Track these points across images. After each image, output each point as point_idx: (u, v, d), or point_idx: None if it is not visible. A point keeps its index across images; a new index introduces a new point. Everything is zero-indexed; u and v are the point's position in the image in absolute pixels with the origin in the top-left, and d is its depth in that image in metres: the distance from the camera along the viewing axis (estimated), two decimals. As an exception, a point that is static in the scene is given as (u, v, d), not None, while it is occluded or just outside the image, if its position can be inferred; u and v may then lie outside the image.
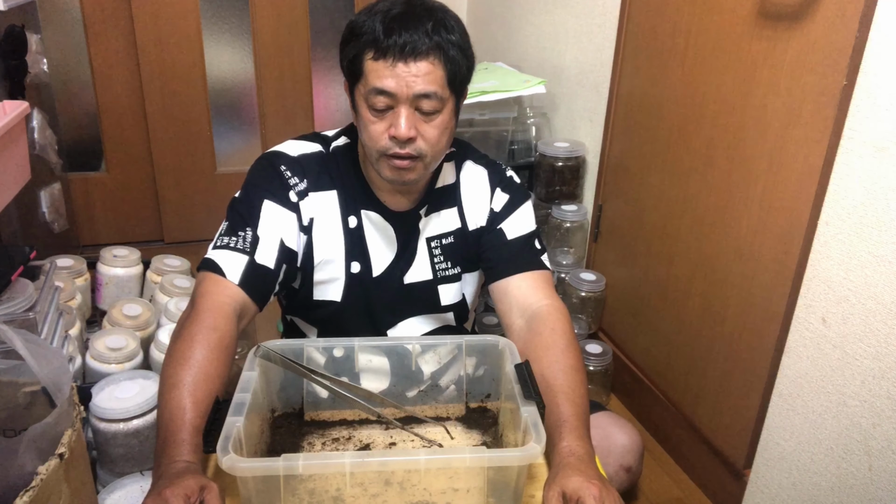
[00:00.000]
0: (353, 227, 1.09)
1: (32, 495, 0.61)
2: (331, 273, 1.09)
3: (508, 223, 1.12)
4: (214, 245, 1.01)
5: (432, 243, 1.12)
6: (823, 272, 1.23)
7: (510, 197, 1.13)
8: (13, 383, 0.79)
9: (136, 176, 2.62)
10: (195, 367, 0.86)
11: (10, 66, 1.68)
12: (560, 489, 0.77)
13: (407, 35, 0.93)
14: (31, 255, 1.21)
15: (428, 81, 0.95)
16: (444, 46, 0.96)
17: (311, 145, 1.11)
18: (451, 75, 0.97)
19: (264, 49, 2.60)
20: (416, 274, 1.12)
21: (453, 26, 0.98)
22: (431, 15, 0.96)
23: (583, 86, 1.98)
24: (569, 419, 0.86)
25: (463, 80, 1.01)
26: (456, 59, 0.97)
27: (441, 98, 0.97)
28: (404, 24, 0.94)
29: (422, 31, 0.94)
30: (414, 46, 0.93)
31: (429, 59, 0.95)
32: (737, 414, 1.47)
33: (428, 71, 0.95)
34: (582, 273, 1.93)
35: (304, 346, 0.96)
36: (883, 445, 1.14)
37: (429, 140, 0.98)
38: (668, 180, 1.64)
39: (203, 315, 0.92)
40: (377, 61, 0.94)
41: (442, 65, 0.96)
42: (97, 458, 1.30)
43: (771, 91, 1.30)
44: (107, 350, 1.41)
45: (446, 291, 1.14)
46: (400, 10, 0.95)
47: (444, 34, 0.96)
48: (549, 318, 1.00)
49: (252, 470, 0.73)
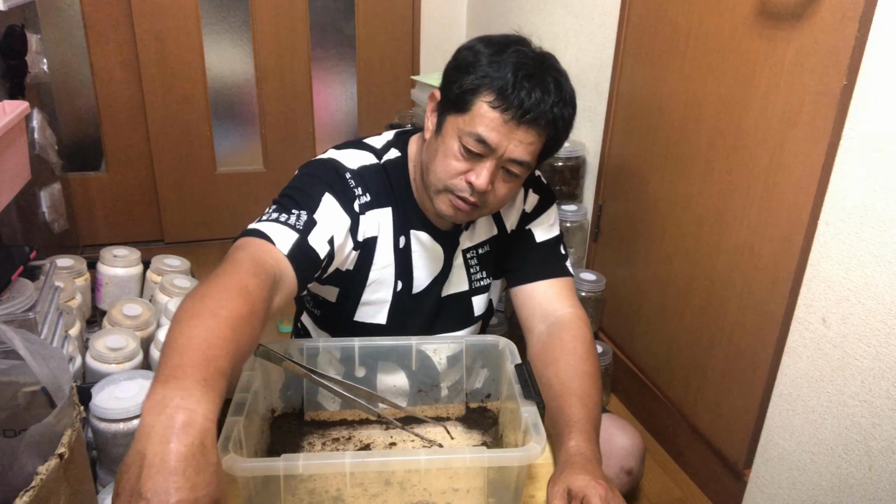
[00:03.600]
0: (402, 247, 1.05)
1: (32, 495, 0.61)
2: (380, 295, 1.05)
3: (537, 225, 1.12)
4: (260, 220, 0.89)
5: (468, 254, 1.12)
6: (823, 272, 1.23)
7: (540, 198, 1.13)
8: (13, 383, 0.79)
9: (136, 176, 2.62)
10: (228, 310, 0.67)
11: (10, 66, 1.68)
12: (566, 486, 0.77)
13: (534, 100, 0.90)
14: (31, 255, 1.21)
15: (528, 151, 0.94)
16: (557, 124, 0.94)
17: (366, 156, 1.03)
18: (546, 148, 0.96)
19: (264, 49, 2.60)
20: (453, 286, 1.12)
21: (570, 102, 0.96)
22: (559, 88, 0.94)
23: (583, 86, 1.98)
24: (579, 420, 0.87)
25: (552, 153, 1.00)
26: (560, 136, 0.96)
27: (529, 166, 0.96)
28: (534, 87, 0.90)
29: (547, 102, 0.91)
30: (537, 115, 0.91)
31: (539, 131, 0.93)
32: (737, 414, 1.47)
33: (533, 140, 0.93)
34: (582, 273, 1.93)
35: (304, 346, 0.96)
36: (883, 445, 1.14)
37: (498, 196, 0.98)
38: (668, 180, 1.64)
39: (241, 264, 0.76)
40: (493, 110, 0.90)
41: (545, 139, 0.95)
42: (97, 458, 1.30)
43: (771, 91, 1.30)
44: (107, 350, 1.41)
45: (479, 302, 1.15)
46: (532, 71, 0.91)
47: (564, 110, 0.94)
48: (571, 325, 1.02)
49: (252, 470, 0.73)
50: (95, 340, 1.42)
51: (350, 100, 2.83)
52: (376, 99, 2.82)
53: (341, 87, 2.81)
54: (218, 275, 0.73)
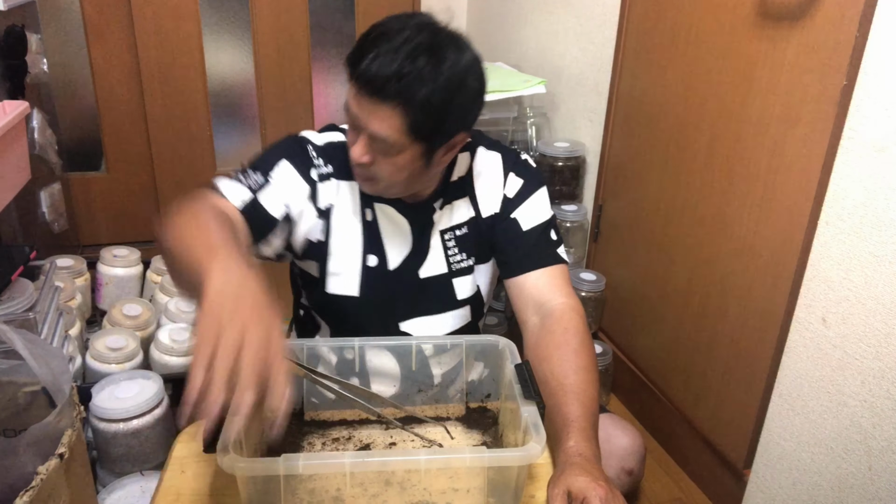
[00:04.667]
0: (370, 220, 1.06)
1: (32, 495, 0.61)
2: (345, 265, 1.06)
3: (522, 211, 1.09)
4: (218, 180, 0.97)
5: (446, 235, 1.10)
6: (823, 272, 1.23)
7: (524, 182, 1.10)
8: (13, 383, 0.79)
9: (136, 176, 2.62)
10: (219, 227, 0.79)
11: (10, 66, 1.68)
12: (566, 487, 0.77)
13: (378, 73, 0.87)
14: (31, 255, 1.22)
15: (384, 127, 0.90)
16: (407, 99, 0.89)
17: (337, 135, 1.09)
18: (411, 127, 0.91)
19: (264, 49, 2.60)
20: (430, 268, 1.10)
21: (432, 80, 0.89)
22: (413, 60, 0.88)
23: (583, 86, 1.98)
24: (577, 419, 0.86)
25: (433, 131, 0.93)
26: (420, 113, 0.90)
27: (394, 145, 0.92)
28: (383, 61, 0.87)
29: (391, 75, 0.87)
30: (377, 87, 0.88)
31: (387, 105, 0.89)
32: (737, 414, 1.47)
33: (386, 116, 0.90)
34: (582, 273, 1.93)
35: (304, 346, 0.96)
36: (883, 445, 1.14)
37: (386, 171, 0.96)
38: (668, 180, 1.64)
39: (203, 209, 0.85)
40: (354, 83, 0.90)
41: (402, 114, 0.90)
42: (97, 458, 1.30)
43: (771, 91, 1.30)
44: (107, 350, 1.41)
45: (461, 285, 1.12)
46: (391, 44, 0.88)
47: (414, 87, 0.88)
48: (562, 317, 0.99)
49: (252, 470, 0.73)
50: (95, 340, 1.42)
51: (350, 100, 2.83)
52: (376, 99, 2.82)
53: (341, 87, 2.80)
54: (186, 213, 0.83)
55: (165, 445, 1.28)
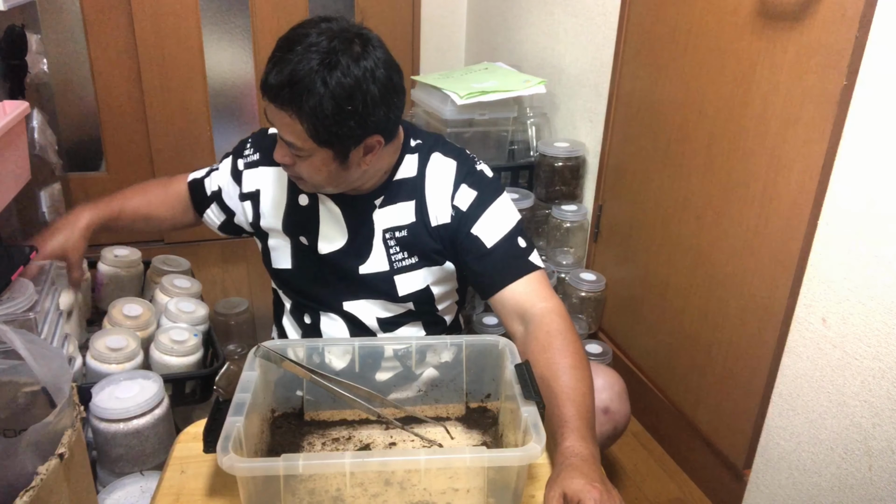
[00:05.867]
0: (305, 204, 1.14)
1: (32, 495, 0.61)
2: (278, 242, 1.19)
3: (482, 226, 1.07)
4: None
5: (387, 235, 1.11)
6: (823, 272, 1.23)
7: (478, 194, 1.08)
8: (13, 383, 0.79)
9: (136, 176, 2.62)
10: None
11: (10, 66, 1.68)
12: (561, 490, 0.77)
13: (273, 81, 0.93)
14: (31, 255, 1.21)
15: (288, 132, 0.97)
16: (297, 107, 0.93)
17: None
18: (311, 132, 0.95)
19: (264, 49, 2.60)
20: (372, 265, 1.13)
21: (318, 89, 0.92)
22: (301, 68, 0.92)
23: (583, 86, 1.98)
24: (570, 419, 0.86)
25: (335, 136, 0.96)
26: (312, 120, 0.94)
27: (301, 149, 0.98)
28: (277, 69, 0.93)
29: (281, 82, 0.92)
30: (273, 95, 0.94)
31: (284, 112, 0.95)
32: (737, 414, 1.47)
33: (288, 122, 0.96)
34: (582, 273, 1.93)
35: (304, 346, 0.96)
36: (883, 445, 1.14)
37: (304, 173, 1.03)
38: (668, 180, 1.64)
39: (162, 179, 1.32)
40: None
41: (298, 121, 0.94)
42: (97, 458, 1.30)
43: (771, 91, 1.30)
44: (107, 350, 1.41)
45: (404, 281, 1.13)
46: (285, 54, 0.93)
47: (301, 95, 0.92)
48: (543, 320, 0.99)
49: (252, 470, 0.73)
50: (95, 340, 1.42)
51: (350, 100, 2.83)
52: (376, 99, 2.82)
53: (341, 87, 2.81)
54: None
55: (165, 445, 1.28)
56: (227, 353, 1.84)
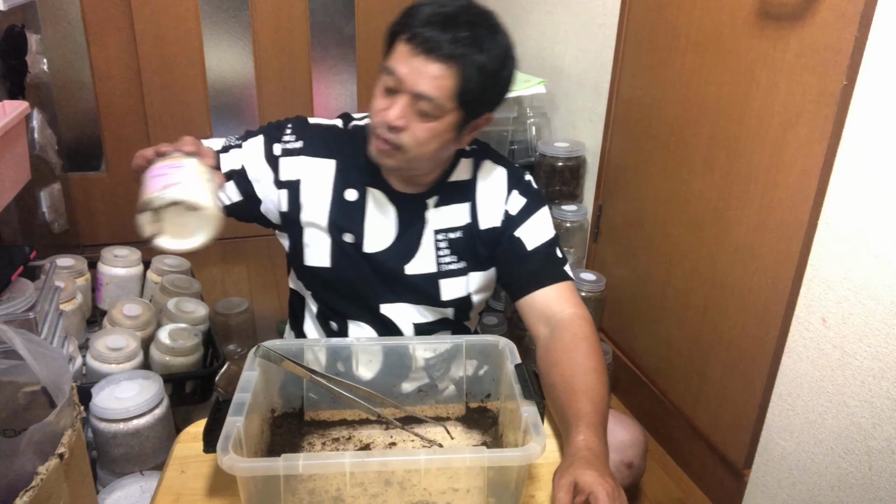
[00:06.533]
0: (352, 199, 1.10)
1: (32, 495, 0.61)
2: (316, 237, 1.11)
3: (525, 230, 1.10)
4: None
5: (439, 236, 1.11)
6: (823, 272, 1.23)
7: (527, 201, 1.12)
8: (13, 383, 0.79)
9: (136, 176, 2.62)
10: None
11: (10, 66, 1.68)
12: (572, 479, 0.77)
13: (436, 33, 0.94)
14: (31, 255, 1.22)
15: (434, 86, 0.95)
16: (464, 61, 0.95)
17: (333, 121, 1.16)
18: (461, 90, 0.96)
19: (264, 49, 2.60)
20: (418, 266, 1.11)
21: (487, 48, 0.96)
22: (472, 27, 0.95)
23: (583, 86, 1.98)
24: (587, 415, 0.86)
25: (477, 100, 0.99)
26: (471, 78, 0.96)
27: (440, 106, 0.97)
28: (442, 24, 0.94)
29: (450, 37, 0.94)
30: (436, 46, 0.94)
31: (442, 65, 0.95)
32: (737, 414, 1.47)
33: (437, 75, 0.95)
34: (582, 273, 1.93)
35: (304, 346, 0.96)
36: (883, 445, 1.14)
37: (415, 137, 0.99)
38: (668, 180, 1.64)
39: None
40: (405, 45, 0.96)
41: (454, 76, 0.96)
42: (97, 458, 1.30)
43: (771, 91, 1.30)
44: (107, 350, 1.41)
45: (448, 286, 1.13)
46: (448, 11, 0.96)
47: (472, 50, 0.95)
48: (572, 324, 1.01)
49: (252, 470, 0.73)
50: (95, 340, 1.42)
51: (350, 100, 2.83)
52: (376, 99, 2.83)
53: (341, 87, 2.81)
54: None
55: (165, 445, 1.28)
56: (227, 353, 1.84)
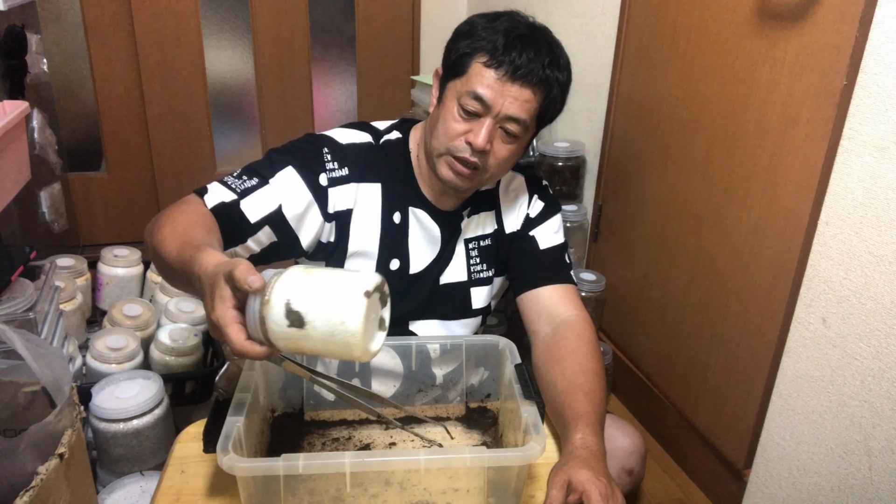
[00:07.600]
0: (398, 222, 1.07)
1: (32, 495, 0.61)
2: (358, 264, 1.06)
3: (540, 231, 1.13)
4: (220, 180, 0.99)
5: (470, 245, 1.13)
6: (823, 272, 1.23)
7: (545, 205, 1.15)
8: (13, 383, 0.79)
9: (136, 176, 2.62)
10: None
11: (10, 66, 1.68)
12: (567, 477, 0.77)
13: (525, 58, 0.96)
14: (31, 255, 1.22)
15: (524, 109, 0.98)
16: (552, 84, 0.99)
17: (362, 135, 1.09)
18: (543, 110, 1.00)
19: (264, 49, 2.60)
20: (451, 275, 1.12)
21: (565, 67, 1.02)
22: (551, 50, 1.00)
23: (583, 86, 1.98)
24: (586, 414, 0.87)
25: (550, 118, 1.04)
26: (555, 98, 1.01)
27: (526, 127, 0.99)
28: (525, 48, 0.96)
29: (539, 62, 0.97)
30: (528, 71, 0.96)
31: (533, 89, 0.97)
32: (737, 414, 1.47)
33: (527, 98, 0.97)
34: (582, 273, 1.93)
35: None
36: (883, 445, 1.14)
37: (498, 158, 1.01)
38: (668, 180, 1.64)
39: (184, 205, 0.95)
40: (488, 69, 0.96)
41: (541, 98, 0.99)
42: (97, 458, 1.30)
43: (771, 91, 1.30)
44: (107, 350, 1.41)
45: (478, 294, 1.15)
46: (524, 33, 0.98)
47: (556, 72, 1.00)
48: (576, 326, 1.02)
49: (252, 470, 0.73)
50: (95, 340, 1.42)
51: (350, 100, 2.83)
52: (376, 99, 2.82)
53: (341, 87, 2.80)
54: (171, 217, 0.90)
55: (165, 445, 1.28)
56: (227, 353, 1.84)
